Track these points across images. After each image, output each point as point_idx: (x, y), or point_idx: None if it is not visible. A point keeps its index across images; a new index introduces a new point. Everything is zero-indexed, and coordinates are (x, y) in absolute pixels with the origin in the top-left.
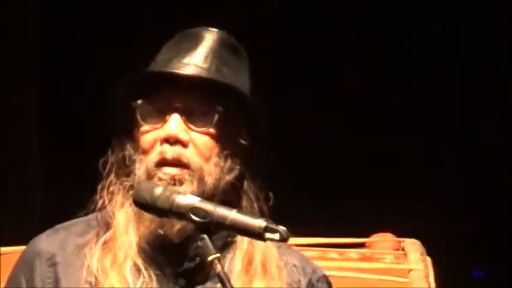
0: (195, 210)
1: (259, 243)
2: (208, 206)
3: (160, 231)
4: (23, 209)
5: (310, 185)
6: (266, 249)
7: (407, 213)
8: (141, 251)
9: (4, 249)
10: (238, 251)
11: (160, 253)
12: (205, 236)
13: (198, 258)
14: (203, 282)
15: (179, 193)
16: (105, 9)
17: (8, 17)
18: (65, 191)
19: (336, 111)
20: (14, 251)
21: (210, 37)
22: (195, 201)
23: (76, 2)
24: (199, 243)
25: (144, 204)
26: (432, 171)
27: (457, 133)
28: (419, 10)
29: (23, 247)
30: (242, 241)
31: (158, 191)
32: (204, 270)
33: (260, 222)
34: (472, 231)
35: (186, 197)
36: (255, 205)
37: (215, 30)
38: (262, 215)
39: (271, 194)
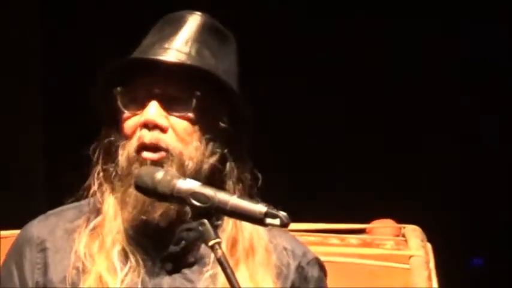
0: (195, 195)
1: (246, 225)
2: (209, 191)
3: (143, 217)
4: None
5: (311, 171)
6: (253, 232)
7: (407, 200)
8: (129, 236)
9: (4, 232)
10: (223, 235)
11: (147, 238)
12: (205, 220)
13: (183, 242)
14: (190, 265)
15: (180, 178)
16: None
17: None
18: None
19: (337, 99)
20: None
21: (192, 20)
22: (196, 186)
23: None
24: (200, 228)
25: (145, 189)
26: (433, 158)
27: (456, 122)
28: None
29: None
30: (227, 224)
31: (159, 175)
32: (191, 254)
33: (261, 208)
34: (472, 218)
35: (187, 182)
36: (238, 188)
37: (199, 13)
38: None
39: (260, 176)
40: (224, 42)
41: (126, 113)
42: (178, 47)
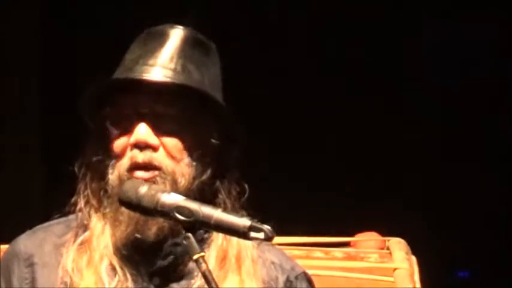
0: (180, 209)
1: (235, 238)
2: (193, 205)
3: (138, 235)
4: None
5: (295, 185)
6: (242, 245)
7: (392, 213)
8: (117, 250)
9: None
10: (213, 247)
11: (135, 252)
12: (189, 234)
13: (171, 257)
14: (178, 280)
15: (164, 192)
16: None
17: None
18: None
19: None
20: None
21: (175, 35)
22: (180, 200)
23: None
24: (184, 241)
25: (128, 203)
26: (417, 171)
27: (441, 133)
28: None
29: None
30: (217, 237)
31: (143, 190)
32: (179, 268)
33: (245, 221)
34: (457, 230)
35: (171, 196)
36: (229, 202)
37: (180, 27)
38: (237, 211)
39: (247, 188)
40: (207, 54)
41: (115, 133)
42: (163, 63)
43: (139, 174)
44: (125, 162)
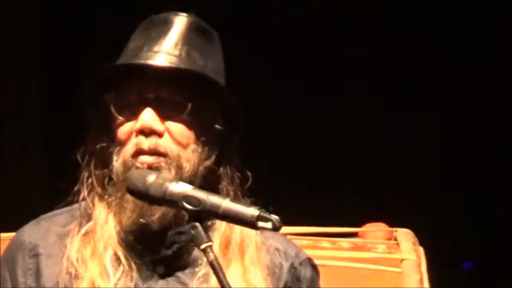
0: (188, 198)
1: (238, 226)
2: (201, 195)
3: (142, 220)
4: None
5: (303, 175)
6: (244, 231)
7: (399, 203)
8: (121, 240)
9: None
10: (216, 234)
11: (139, 241)
12: (197, 224)
13: (175, 245)
14: (183, 268)
15: (172, 181)
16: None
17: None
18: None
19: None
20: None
21: (179, 22)
22: (188, 189)
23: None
24: (192, 231)
25: (136, 192)
26: (426, 160)
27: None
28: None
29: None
30: (220, 224)
31: (151, 178)
32: (183, 257)
33: (253, 211)
34: (464, 221)
35: (179, 185)
36: (232, 189)
37: (184, 14)
38: (239, 198)
39: (249, 175)
40: (210, 41)
41: (120, 119)
42: (168, 49)
43: (144, 159)
44: (129, 148)
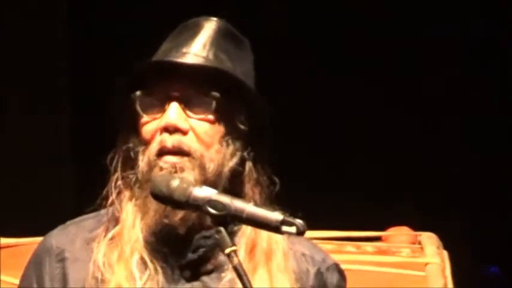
0: (212, 202)
1: (265, 231)
2: (225, 199)
3: (165, 221)
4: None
5: (327, 179)
6: (271, 236)
7: (424, 207)
8: (147, 244)
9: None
10: (242, 239)
11: (165, 245)
12: (221, 228)
13: (201, 249)
14: (209, 272)
15: (195, 185)
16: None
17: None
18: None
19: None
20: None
21: (209, 26)
22: (212, 193)
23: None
24: (216, 235)
25: (160, 196)
26: (450, 165)
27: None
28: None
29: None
30: (246, 228)
31: (175, 183)
32: (209, 261)
33: (277, 216)
34: (489, 225)
35: (203, 190)
36: (257, 191)
37: (214, 19)
38: (264, 201)
39: (277, 180)
40: (240, 47)
41: (145, 118)
42: (196, 51)
43: (168, 159)
44: (153, 147)
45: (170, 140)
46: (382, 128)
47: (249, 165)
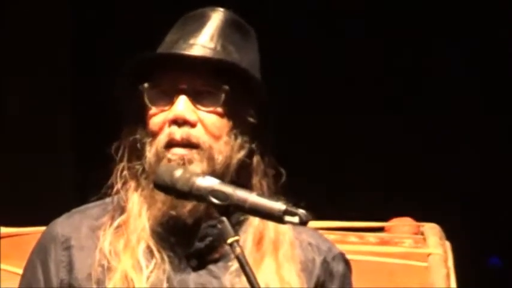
0: (215, 192)
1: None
2: (228, 189)
3: (173, 212)
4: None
5: (330, 169)
6: (278, 226)
7: (426, 198)
8: (154, 233)
9: (28, 229)
10: (250, 229)
11: (172, 234)
12: (224, 218)
13: (208, 238)
14: (215, 261)
15: (199, 175)
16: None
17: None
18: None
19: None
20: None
21: (216, 16)
22: (215, 183)
23: None
24: (219, 225)
25: (163, 187)
26: (451, 156)
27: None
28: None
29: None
30: (254, 219)
31: (178, 173)
32: (216, 250)
33: (280, 206)
34: (491, 216)
35: (206, 180)
36: (265, 183)
37: (221, 9)
38: (272, 192)
39: (283, 171)
40: (246, 37)
41: (153, 109)
42: (204, 42)
43: (176, 151)
44: (162, 139)
45: (179, 133)
46: (389, 120)
47: (256, 157)
